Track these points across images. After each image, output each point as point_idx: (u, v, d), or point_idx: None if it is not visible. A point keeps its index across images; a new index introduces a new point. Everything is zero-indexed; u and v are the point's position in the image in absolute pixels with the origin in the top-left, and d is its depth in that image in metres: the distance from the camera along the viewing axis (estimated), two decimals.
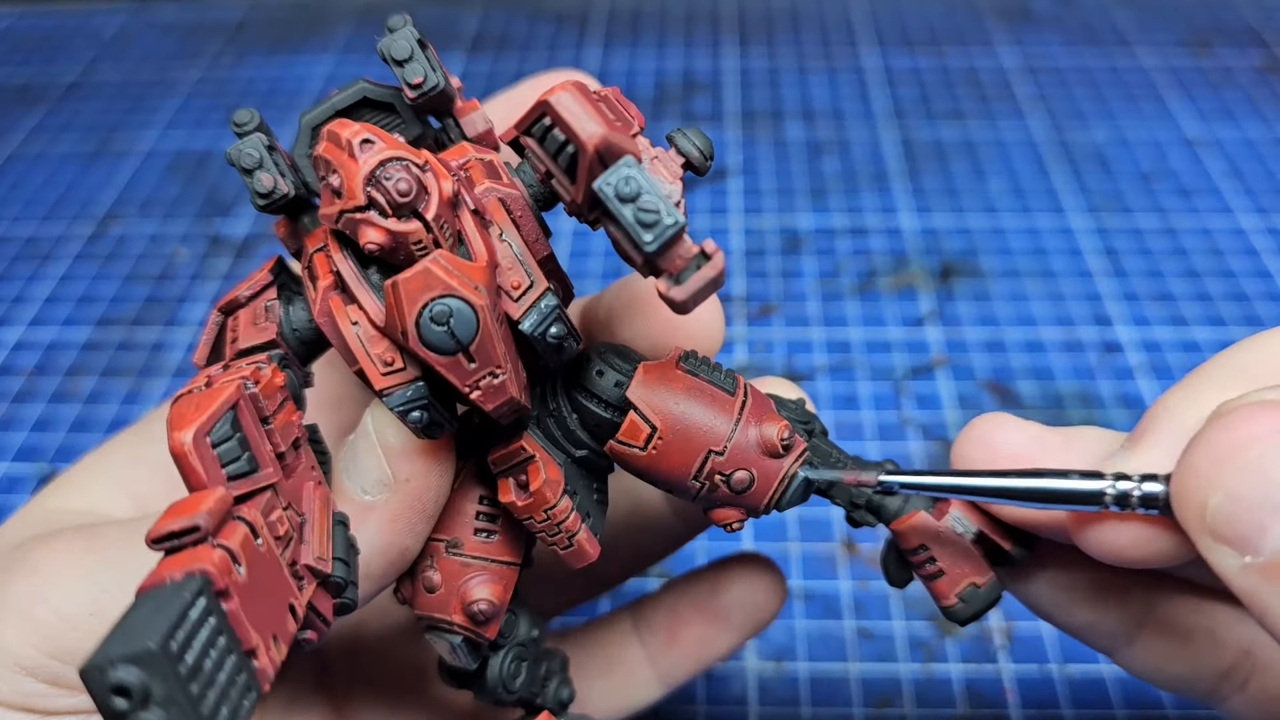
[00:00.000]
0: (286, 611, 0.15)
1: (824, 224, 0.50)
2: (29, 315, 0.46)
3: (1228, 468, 0.16)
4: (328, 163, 0.17)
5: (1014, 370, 0.41)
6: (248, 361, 0.18)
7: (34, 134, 0.59)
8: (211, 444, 0.15)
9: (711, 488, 0.20)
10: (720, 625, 0.25)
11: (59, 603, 0.19)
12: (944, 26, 0.65)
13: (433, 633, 0.20)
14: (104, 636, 0.12)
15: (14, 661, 0.18)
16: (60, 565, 0.19)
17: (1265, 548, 0.15)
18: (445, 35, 0.67)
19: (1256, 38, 0.62)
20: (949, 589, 0.21)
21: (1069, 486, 0.18)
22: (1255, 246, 0.47)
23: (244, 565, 0.14)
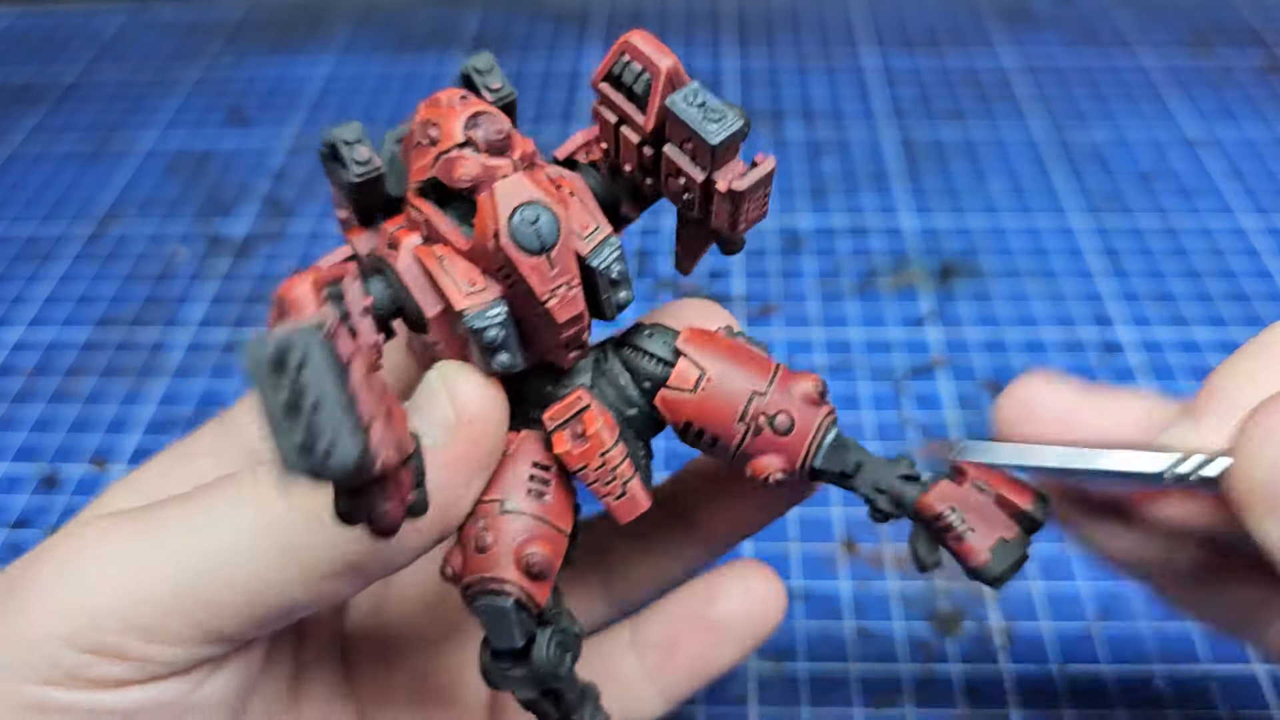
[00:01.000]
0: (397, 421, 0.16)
1: (824, 224, 0.50)
2: (29, 315, 0.46)
3: (1276, 441, 0.16)
4: (425, 123, 0.19)
5: (1014, 370, 0.41)
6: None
7: (34, 134, 0.59)
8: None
9: (756, 430, 0.21)
10: (719, 638, 0.25)
11: (97, 571, 0.19)
12: (944, 27, 0.65)
13: (483, 598, 0.20)
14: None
15: (51, 635, 0.18)
16: (94, 537, 0.19)
17: None
18: (445, 35, 0.67)
19: (1257, 38, 0.62)
20: (981, 545, 0.21)
21: (1133, 468, 0.18)
22: (1256, 247, 0.47)
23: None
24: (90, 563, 0.19)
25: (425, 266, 0.19)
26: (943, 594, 0.34)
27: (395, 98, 0.61)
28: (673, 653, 0.25)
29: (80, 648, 0.18)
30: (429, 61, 0.64)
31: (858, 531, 0.36)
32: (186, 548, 0.19)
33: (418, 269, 0.19)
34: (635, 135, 0.21)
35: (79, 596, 0.18)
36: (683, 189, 0.20)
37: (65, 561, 0.19)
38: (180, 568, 0.19)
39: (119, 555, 0.19)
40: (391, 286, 0.20)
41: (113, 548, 0.19)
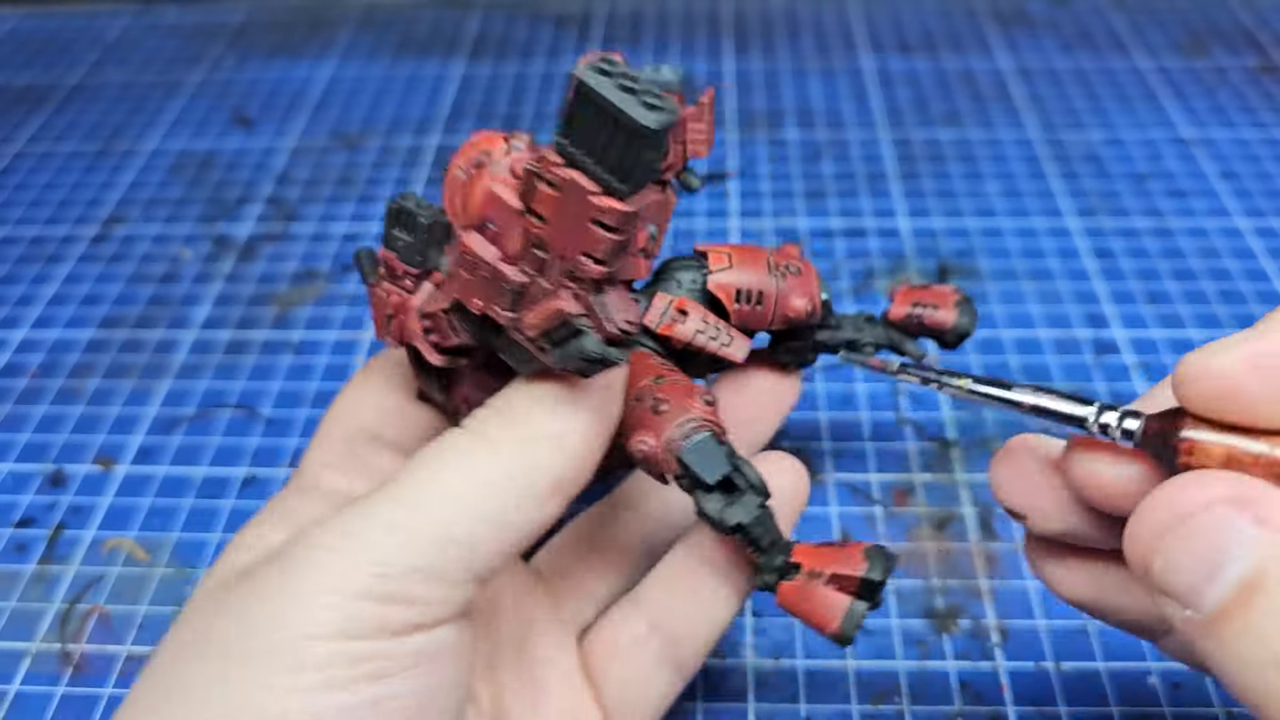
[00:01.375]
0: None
1: (821, 225, 0.50)
2: (34, 315, 0.47)
3: (1165, 539, 0.18)
4: (468, 160, 0.23)
5: (1010, 370, 0.42)
6: None
7: (38, 135, 0.59)
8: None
9: (783, 274, 0.27)
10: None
11: (369, 536, 0.20)
12: (940, 30, 0.66)
13: (687, 441, 0.23)
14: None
15: (346, 589, 0.20)
16: (348, 519, 0.21)
17: (1204, 606, 0.17)
18: (447, 38, 0.67)
19: (1251, 40, 0.63)
20: (832, 619, 0.24)
21: (1056, 405, 0.20)
22: (1250, 247, 0.47)
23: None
24: (359, 534, 0.20)
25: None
26: (939, 592, 0.34)
27: (397, 100, 0.61)
28: (732, 551, 0.26)
29: (375, 598, 0.20)
30: (431, 64, 0.64)
31: (855, 529, 0.36)
32: (435, 500, 0.21)
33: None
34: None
35: (365, 553, 0.20)
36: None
37: (337, 537, 0.20)
38: (437, 516, 0.21)
39: (380, 523, 0.20)
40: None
41: (369, 520, 0.21)
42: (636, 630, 0.27)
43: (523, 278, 0.20)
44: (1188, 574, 0.17)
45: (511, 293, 0.21)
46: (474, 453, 0.21)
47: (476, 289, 0.21)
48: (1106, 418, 0.20)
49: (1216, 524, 0.17)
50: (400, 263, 0.24)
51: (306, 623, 0.19)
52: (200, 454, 0.40)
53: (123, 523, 0.37)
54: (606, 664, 0.27)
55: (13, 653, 0.33)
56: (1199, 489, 0.17)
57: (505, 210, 0.20)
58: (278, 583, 0.20)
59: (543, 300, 0.20)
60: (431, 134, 0.58)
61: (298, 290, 0.48)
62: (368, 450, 0.27)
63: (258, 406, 0.42)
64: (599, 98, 0.17)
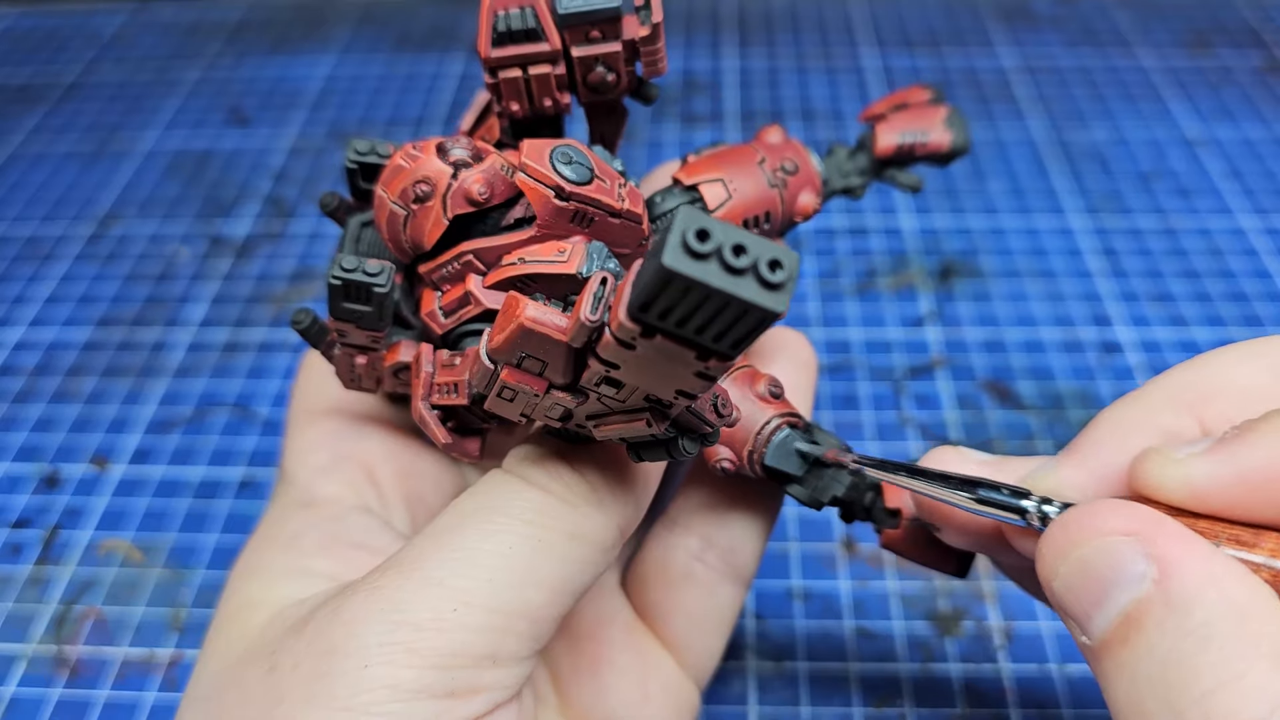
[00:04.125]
0: None
1: (824, 224, 0.50)
2: (30, 315, 0.46)
3: (1062, 560, 0.18)
4: (404, 191, 0.21)
5: (1013, 370, 0.41)
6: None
7: (34, 134, 0.59)
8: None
9: (783, 180, 0.26)
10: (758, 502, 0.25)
11: (416, 616, 0.18)
12: (943, 27, 0.65)
13: (769, 445, 0.22)
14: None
15: (397, 685, 0.18)
16: (388, 592, 0.19)
17: (1093, 633, 0.17)
18: (445, 35, 0.67)
19: (1256, 38, 0.62)
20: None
21: (999, 498, 0.20)
22: (1254, 247, 0.47)
23: None
24: (403, 612, 0.18)
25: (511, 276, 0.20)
26: (942, 594, 0.34)
27: (395, 98, 0.61)
28: (724, 519, 0.25)
29: (436, 694, 0.18)
30: (429, 61, 0.64)
31: (857, 531, 0.36)
32: (488, 566, 0.19)
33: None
34: (546, 64, 0.22)
35: (423, 642, 0.18)
36: (604, 73, 0.22)
37: (375, 616, 0.18)
38: (493, 586, 0.18)
39: (430, 599, 0.18)
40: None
41: (415, 595, 0.18)
42: (691, 548, 0.26)
43: (574, 404, 0.18)
44: (1079, 598, 0.17)
45: (561, 413, 0.18)
46: (542, 512, 0.19)
47: (515, 409, 0.18)
48: (1046, 509, 0.19)
49: (1109, 552, 0.17)
50: (360, 330, 0.22)
51: None
52: (197, 455, 0.39)
53: (119, 524, 0.37)
54: (667, 597, 0.26)
55: (8, 655, 0.33)
56: (1100, 516, 0.17)
57: (544, 341, 0.17)
58: (326, 685, 0.18)
59: (616, 419, 0.17)
60: (430, 131, 0.57)
61: (295, 289, 0.47)
62: (354, 439, 0.26)
63: (254, 407, 0.41)
64: (708, 288, 0.13)
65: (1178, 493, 0.18)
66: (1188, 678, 0.15)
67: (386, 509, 0.25)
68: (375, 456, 0.26)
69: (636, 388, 0.16)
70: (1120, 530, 0.17)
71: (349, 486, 0.25)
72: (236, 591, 0.22)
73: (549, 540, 0.19)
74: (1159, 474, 0.18)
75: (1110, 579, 0.17)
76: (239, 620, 0.21)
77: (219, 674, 0.20)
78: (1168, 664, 0.15)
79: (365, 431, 0.26)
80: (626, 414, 0.17)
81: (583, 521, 0.19)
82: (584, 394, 0.17)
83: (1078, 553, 0.17)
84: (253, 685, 0.19)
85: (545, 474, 0.20)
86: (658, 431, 0.17)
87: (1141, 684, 0.16)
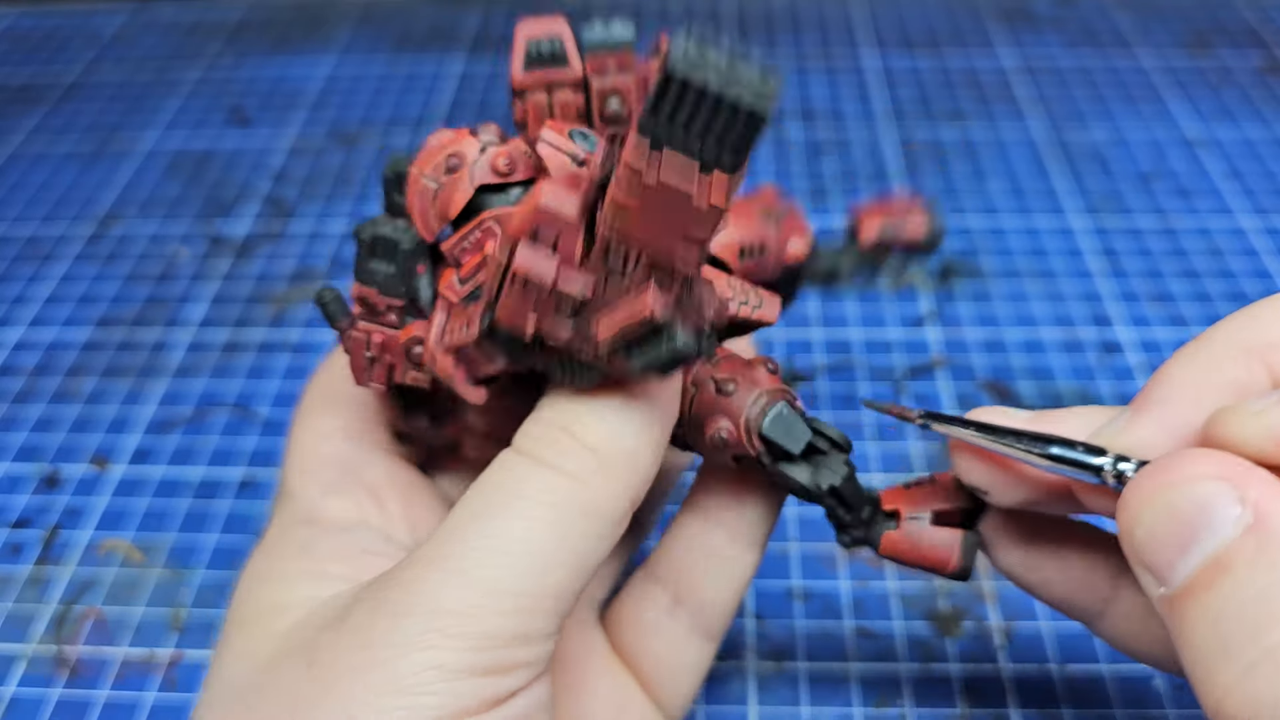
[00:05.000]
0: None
1: (824, 224, 0.50)
2: (29, 315, 0.47)
3: (1148, 506, 0.18)
4: (436, 164, 0.23)
5: (1013, 370, 0.42)
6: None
7: (34, 134, 0.59)
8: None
9: (777, 220, 0.28)
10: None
11: (449, 601, 0.19)
12: (944, 27, 0.65)
13: (766, 417, 0.22)
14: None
15: (440, 667, 0.18)
16: (422, 577, 0.20)
17: (1173, 581, 0.17)
18: (445, 35, 0.67)
19: (1256, 38, 0.62)
20: (950, 555, 0.24)
21: (1074, 456, 0.20)
22: (1254, 247, 0.47)
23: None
24: (439, 602, 0.19)
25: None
26: (942, 594, 0.34)
27: (395, 98, 0.61)
28: (742, 502, 0.25)
29: (478, 673, 0.19)
30: (429, 61, 0.64)
31: None
32: (513, 553, 0.19)
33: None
34: (570, 89, 0.23)
35: (461, 625, 0.19)
36: (618, 106, 0.23)
37: (414, 608, 0.19)
38: (520, 571, 0.19)
39: (462, 588, 0.19)
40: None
41: (449, 586, 0.19)
42: (661, 604, 0.26)
43: (589, 289, 0.19)
44: (1163, 544, 0.17)
45: (574, 306, 0.19)
46: (556, 491, 0.20)
47: (526, 309, 0.19)
48: (1123, 467, 0.19)
49: (1199, 495, 0.17)
50: (382, 297, 0.23)
51: (415, 706, 0.18)
52: (197, 455, 0.39)
53: (119, 524, 0.37)
54: (638, 642, 0.26)
55: (8, 655, 0.33)
56: (1191, 462, 0.17)
57: (559, 213, 0.18)
58: (374, 672, 0.18)
59: (620, 304, 0.18)
60: (430, 130, 0.57)
61: (295, 290, 0.47)
62: (359, 462, 0.26)
63: (255, 407, 0.41)
64: (700, 85, 0.16)
65: (1262, 444, 0.17)
66: (1278, 613, 0.15)
67: (390, 526, 0.25)
68: (380, 480, 0.26)
69: (642, 251, 0.18)
70: (1214, 475, 0.17)
71: (355, 505, 0.25)
72: (252, 597, 0.22)
73: (567, 520, 0.20)
74: (1240, 428, 0.18)
75: (1201, 523, 0.17)
76: (261, 624, 0.22)
77: (248, 676, 0.21)
78: (1259, 601, 0.16)
79: (371, 458, 0.26)
80: (626, 314, 0.18)
81: (596, 498, 0.20)
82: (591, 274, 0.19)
83: (1166, 498, 0.17)
84: (293, 681, 0.20)
85: (556, 452, 0.20)
86: (662, 310, 0.18)
87: (1229, 623, 0.16)
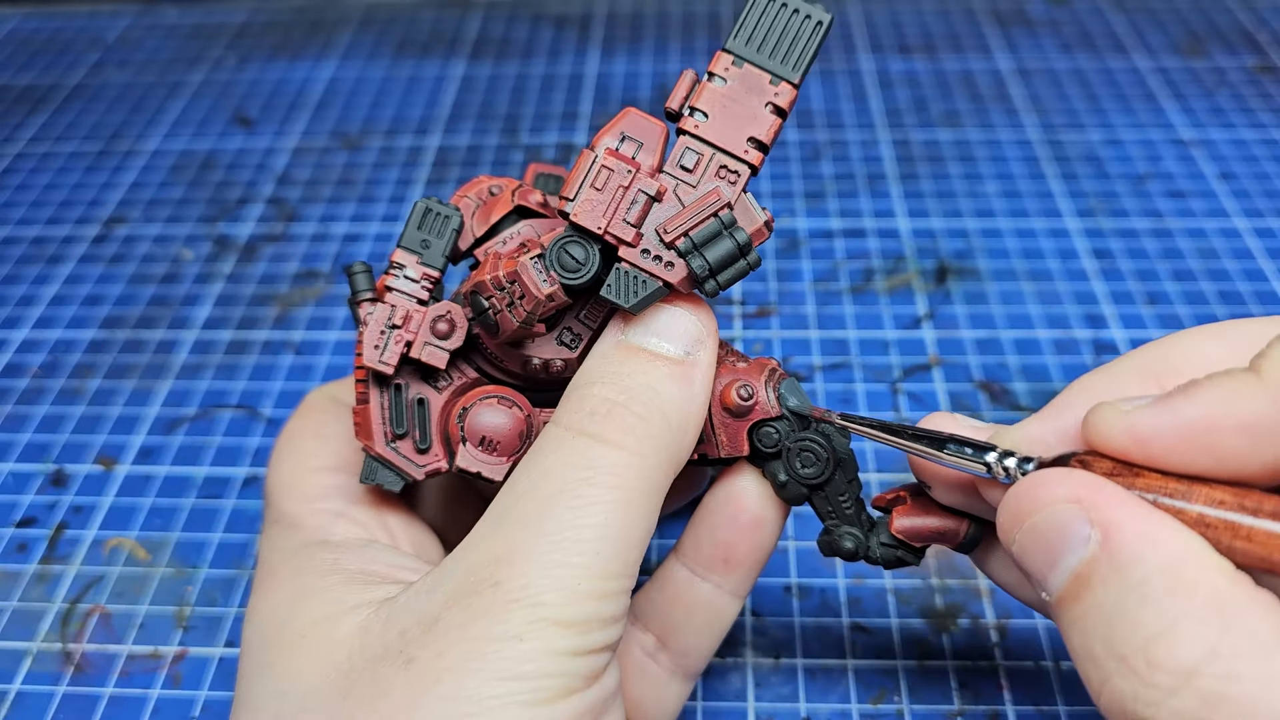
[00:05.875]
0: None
1: (821, 226, 0.50)
2: (35, 315, 0.47)
3: (1017, 527, 0.19)
4: (481, 190, 0.26)
5: (1009, 370, 0.42)
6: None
7: (40, 136, 0.59)
8: None
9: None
10: (760, 527, 0.26)
11: (539, 591, 0.20)
12: (939, 31, 0.66)
13: (780, 390, 0.24)
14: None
15: (544, 651, 0.20)
16: (523, 578, 0.21)
17: (1049, 590, 0.19)
18: (447, 39, 0.67)
19: (1250, 40, 0.63)
20: (959, 528, 0.25)
21: (962, 453, 0.22)
22: (1248, 248, 0.47)
23: None
24: (535, 595, 0.20)
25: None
26: (938, 591, 0.34)
27: (398, 100, 0.61)
28: (730, 559, 0.26)
29: (579, 652, 0.20)
30: (431, 65, 0.64)
31: None
32: (593, 540, 0.20)
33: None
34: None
35: (553, 617, 0.20)
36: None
37: (512, 604, 0.20)
38: (601, 558, 0.20)
39: (554, 581, 0.20)
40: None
41: (541, 580, 0.20)
42: (645, 646, 0.27)
43: (664, 184, 0.22)
44: (1035, 561, 0.19)
45: (646, 202, 0.21)
46: (618, 470, 0.21)
47: (602, 207, 0.21)
48: (1007, 462, 0.21)
49: (1056, 518, 0.18)
50: (422, 265, 0.24)
51: (533, 689, 0.19)
52: (201, 454, 0.40)
53: (124, 522, 0.37)
54: (621, 680, 0.27)
55: (14, 652, 0.33)
56: (1046, 487, 0.19)
57: (644, 124, 0.22)
58: (488, 661, 0.19)
59: (690, 204, 0.21)
60: (432, 134, 0.58)
61: (299, 290, 0.48)
62: (361, 491, 0.26)
63: (259, 407, 0.42)
64: (784, 2, 0.21)
65: (1121, 440, 0.19)
66: (1130, 628, 0.17)
67: (396, 544, 0.26)
68: (377, 504, 0.27)
69: (713, 155, 0.22)
70: (1065, 498, 0.18)
71: (362, 528, 0.26)
72: (294, 617, 0.23)
73: (632, 500, 0.21)
74: (1107, 423, 0.19)
75: (1060, 543, 0.18)
76: (318, 635, 0.22)
77: (324, 684, 0.21)
78: (1113, 617, 0.17)
79: (362, 486, 0.27)
80: (699, 204, 0.22)
81: (652, 474, 0.21)
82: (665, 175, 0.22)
83: (1030, 521, 0.19)
84: (391, 681, 0.20)
85: (614, 425, 0.21)
86: (733, 200, 0.21)
87: (1092, 634, 0.17)
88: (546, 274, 0.22)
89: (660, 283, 0.22)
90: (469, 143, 0.57)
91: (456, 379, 0.26)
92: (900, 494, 0.25)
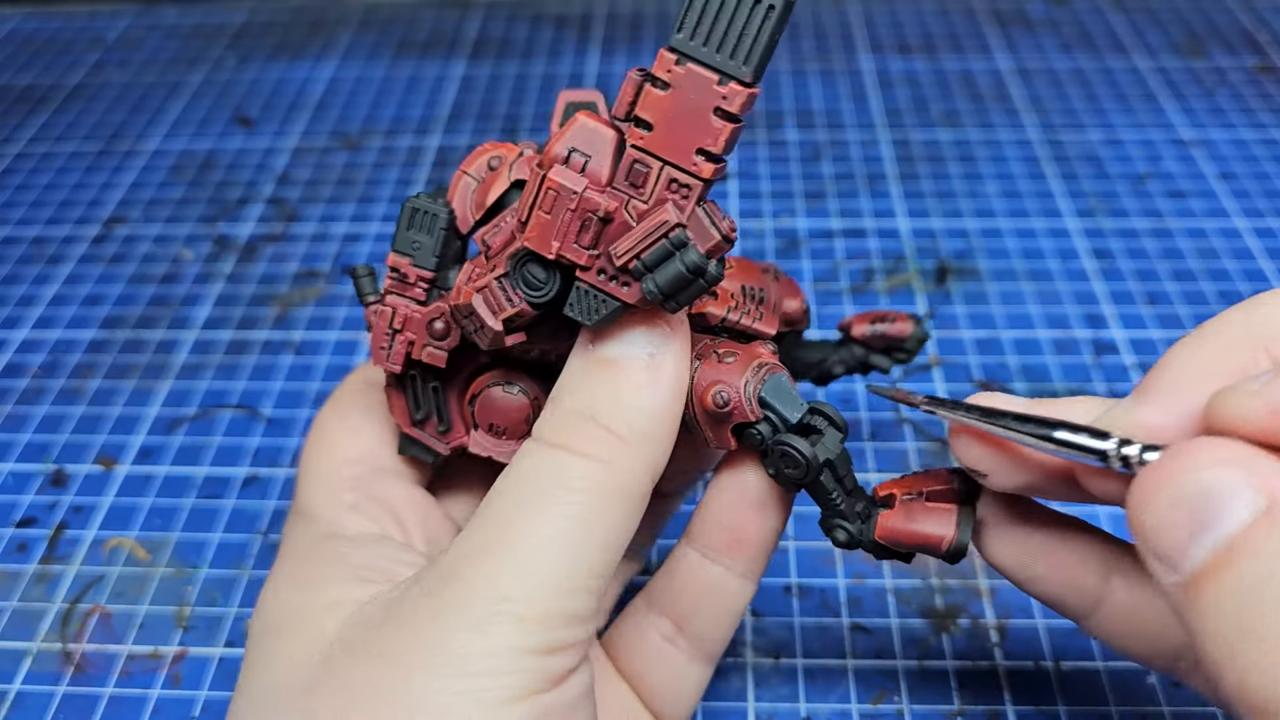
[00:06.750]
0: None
1: (821, 226, 0.50)
2: (35, 316, 0.47)
3: (1159, 494, 0.18)
4: (482, 164, 0.25)
5: (1009, 370, 0.42)
6: None
7: (40, 136, 0.59)
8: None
9: (775, 276, 0.28)
10: (768, 506, 0.26)
11: (506, 588, 0.20)
12: (940, 31, 0.66)
13: (766, 385, 0.23)
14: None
15: (509, 648, 0.20)
16: (481, 570, 0.21)
17: (1184, 567, 0.17)
18: (447, 40, 0.67)
19: (1249, 40, 0.63)
20: (945, 532, 0.24)
21: (1079, 439, 0.20)
22: (1248, 248, 0.47)
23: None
24: (500, 590, 0.20)
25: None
26: (939, 591, 0.34)
27: (398, 100, 0.61)
28: (739, 540, 0.26)
29: (541, 651, 0.20)
30: (431, 65, 0.64)
31: None
32: (559, 542, 0.21)
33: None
34: None
35: (518, 613, 0.20)
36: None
37: (477, 597, 0.20)
38: (567, 559, 0.20)
39: (518, 577, 0.20)
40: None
41: (507, 576, 0.20)
42: (663, 631, 0.27)
43: (614, 202, 0.20)
44: (1174, 531, 0.17)
45: (597, 224, 0.20)
46: (587, 477, 0.21)
47: (552, 230, 0.20)
48: (1127, 450, 0.19)
49: (1211, 481, 0.17)
50: (414, 268, 0.24)
51: (491, 687, 0.19)
52: (201, 454, 0.40)
53: (124, 522, 0.37)
54: (641, 666, 0.27)
55: (14, 652, 0.33)
56: (1202, 450, 0.17)
57: (594, 134, 0.20)
58: (453, 655, 0.20)
59: (640, 223, 0.20)
60: (432, 135, 0.58)
61: (299, 290, 0.48)
62: (379, 486, 0.27)
63: (259, 406, 0.42)
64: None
65: (1262, 420, 0.17)
66: None
67: (409, 541, 0.26)
68: (396, 499, 0.27)
69: (662, 168, 0.20)
70: (1225, 461, 0.17)
71: (376, 523, 0.26)
72: (291, 605, 0.23)
73: (603, 504, 0.21)
74: (1239, 407, 0.18)
75: (1213, 509, 0.17)
76: (308, 626, 0.22)
77: (304, 675, 0.21)
78: (1267, 593, 0.16)
79: (386, 480, 0.27)
80: (647, 225, 0.20)
81: (623, 479, 0.21)
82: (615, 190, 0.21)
83: (1177, 486, 0.17)
84: (363, 674, 0.21)
85: (582, 438, 0.21)
86: (676, 220, 0.20)
87: (1247, 604, 0.16)
88: (512, 292, 0.22)
89: (619, 302, 0.21)
90: (469, 143, 0.57)
91: (468, 364, 0.26)
92: (893, 492, 0.25)
